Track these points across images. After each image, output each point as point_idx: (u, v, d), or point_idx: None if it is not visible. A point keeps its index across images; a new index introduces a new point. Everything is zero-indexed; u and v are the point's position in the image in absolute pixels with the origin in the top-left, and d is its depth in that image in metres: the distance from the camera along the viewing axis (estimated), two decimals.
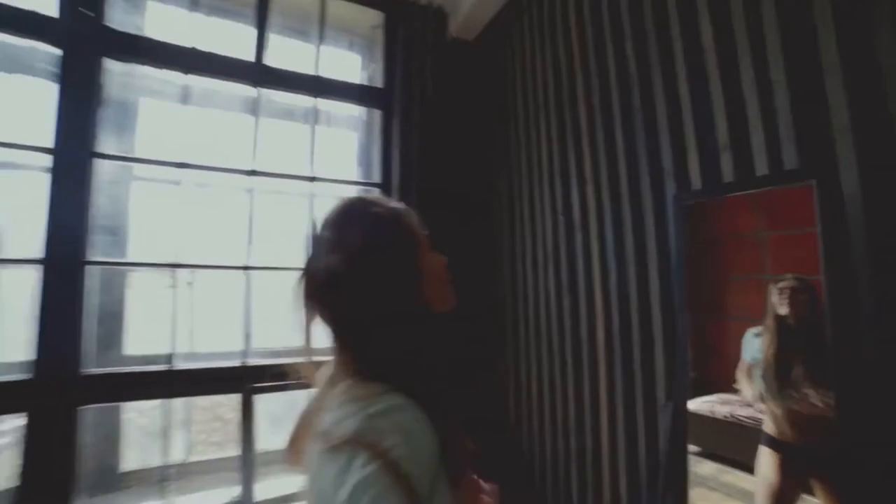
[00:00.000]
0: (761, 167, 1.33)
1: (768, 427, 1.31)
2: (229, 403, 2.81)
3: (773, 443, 1.28)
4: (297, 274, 0.80)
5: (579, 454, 1.96)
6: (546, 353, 2.27)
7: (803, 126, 1.23)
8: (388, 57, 2.98)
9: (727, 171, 1.43)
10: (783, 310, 1.28)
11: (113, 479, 2.49)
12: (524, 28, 2.60)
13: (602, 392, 1.85)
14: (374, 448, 0.57)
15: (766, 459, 1.29)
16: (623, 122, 1.84)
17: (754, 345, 1.38)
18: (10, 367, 2.08)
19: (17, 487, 2.00)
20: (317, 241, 0.79)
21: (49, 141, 2.13)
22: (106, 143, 2.30)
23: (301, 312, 0.77)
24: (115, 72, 2.33)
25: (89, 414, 2.20)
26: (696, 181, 1.52)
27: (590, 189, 2.01)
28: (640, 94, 1.75)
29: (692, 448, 1.41)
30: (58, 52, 2.18)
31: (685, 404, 1.29)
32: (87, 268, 2.16)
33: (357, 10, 3.01)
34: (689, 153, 1.55)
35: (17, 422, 2.04)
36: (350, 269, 0.73)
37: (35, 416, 2.02)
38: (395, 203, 0.84)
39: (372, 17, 3.07)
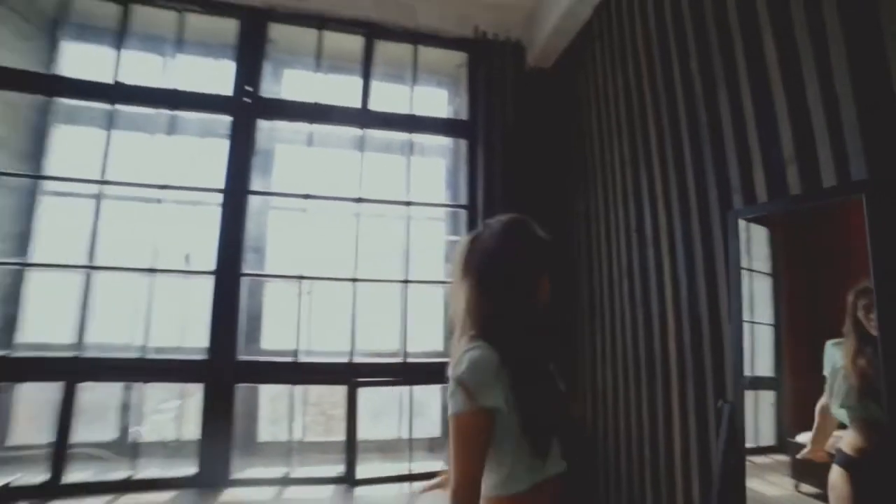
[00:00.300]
0: (828, 179, 1.33)
1: (844, 444, 1.28)
2: (337, 395, 3.32)
3: (846, 461, 1.26)
4: (465, 245, 1.09)
5: (653, 460, 1.98)
6: (621, 363, 2.32)
7: (870, 137, 1.23)
8: (472, 92, 3.32)
9: (794, 183, 1.43)
10: (861, 314, 1.26)
11: (253, 446, 3.12)
12: (596, 54, 2.73)
13: (674, 400, 1.87)
14: (455, 372, 0.94)
15: (839, 479, 1.26)
16: (690, 140, 1.89)
17: (835, 355, 1.36)
18: (193, 350, 2.82)
19: (199, 440, 2.69)
20: (488, 228, 1.08)
21: (221, 183, 2.86)
22: (254, 182, 2.99)
23: (459, 276, 1.05)
24: (263, 128, 3.04)
25: (241, 391, 2.83)
26: (763, 195, 1.54)
27: (661, 206, 2.07)
28: (707, 112, 1.80)
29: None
30: (229, 118, 2.93)
31: (742, 406, 1.31)
32: (242, 278, 2.81)
33: (443, 53, 3.43)
34: (755, 168, 1.57)
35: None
36: (499, 257, 1.02)
37: (209, 388, 2.70)
38: (545, 234, 1.11)
39: (457, 58, 3.47)
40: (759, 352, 1.52)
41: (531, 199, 3.11)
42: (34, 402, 2.94)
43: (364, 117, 3.19)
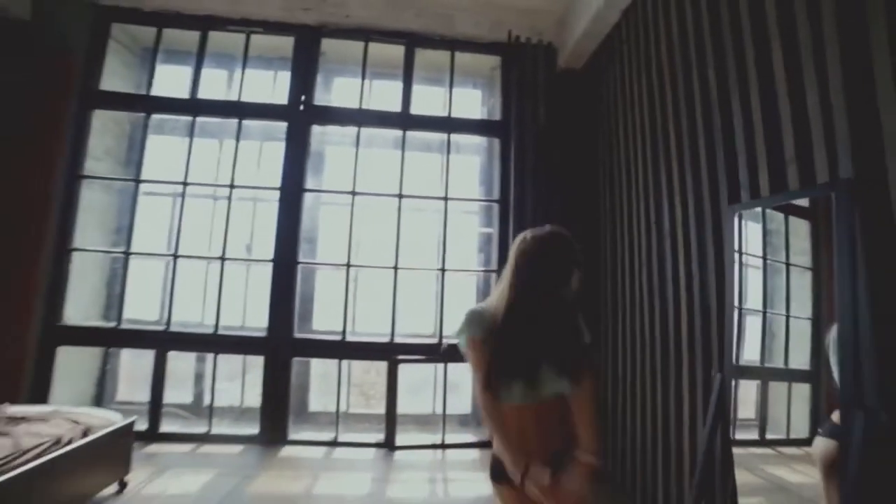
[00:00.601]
0: (822, 176, 1.44)
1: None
2: (375, 375, 3.67)
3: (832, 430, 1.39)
4: (517, 241, 1.32)
5: (664, 429, 2.15)
6: (639, 344, 2.48)
7: (858, 141, 1.34)
8: (505, 93, 3.52)
9: (793, 181, 1.55)
10: None
11: (305, 414, 3.53)
12: (623, 56, 2.84)
13: (684, 377, 2.00)
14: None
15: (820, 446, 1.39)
16: (706, 141, 1.99)
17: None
18: (254, 329, 3.25)
19: (260, 407, 3.12)
20: (537, 233, 1.30)
21: (278, 182, 3.26)
22: (308, 180, 3.36)
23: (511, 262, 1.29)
24: (316, 132, 3.41)
25: (295, 365, 3.23)
26: (766, 192, 1.66)
27: (677, 201, 2.19)
28: (721, 115, 1.91)
29: None
30: (284, 124, 3.32)
31: (731, 379, 1.46)
32: (298, 266, 3.21)
33: (478, 57, 3.64)
34: (761, 167, 1.69)
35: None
36: (530, 262, 1.24)
37: (268, 360, 3.12)
38: (575, 246, 1.29)
39: (491, 61, 3.67)
40: (797, 345, 1.53)
41: (560, 194, 3.29)
42: (134, 367, 3.51)
43: (405, 120, 3.48)
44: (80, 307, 3.29)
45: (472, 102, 3.90)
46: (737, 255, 1.63)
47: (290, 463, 2.86)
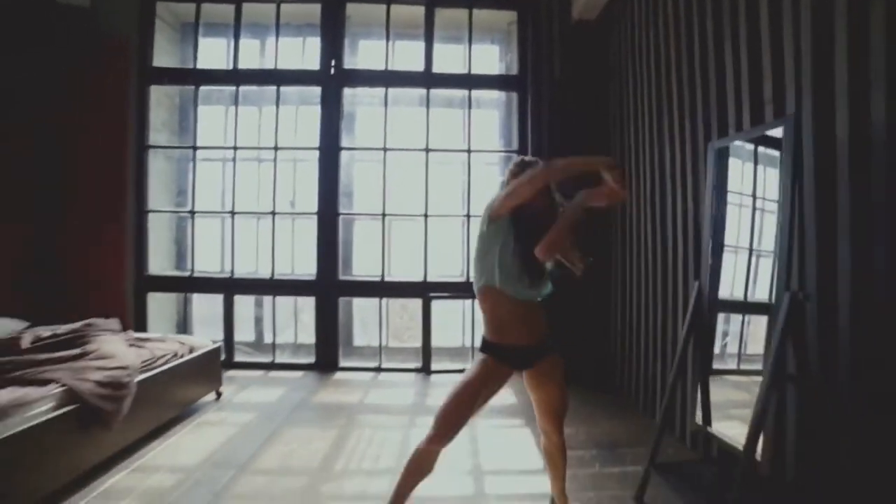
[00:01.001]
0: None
1: None
2: (409, 317, 4.14)
3: None
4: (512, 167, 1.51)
5: (662, 339, 2.55)
6: (644, 272, 2.82)
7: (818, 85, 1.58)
8: (521, 47, 3.69)
9: (769, 119, 1.80)
10: None
11: (351, 348, 4.08)
12: (632, 9, 2.98)
13: (679, 296, 2.37)
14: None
15: None
16: (702, 87, 2.21)
17: None
18: (306, 274, 3.74)
19: (315, 343, 3.67)
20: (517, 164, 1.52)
21: (316, 142, 3.62)
22: (343, 140, 3.71)
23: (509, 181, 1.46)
24: (347, 94, 3.71)
25: (342, 303, 3.74)
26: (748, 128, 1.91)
27: (677, 144, 2.43)
28: (715, 64, 2.12)
29: None
30: (318, 89, 3.63)
31: (707, 284, 1.80)
32: (339, 217, 3.64)
33: (495, 13, 3.79)
34: (743, 107, 1.93)
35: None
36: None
37: (318, 300, 3.62)
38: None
39: (508, 16, 3.81)
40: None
41: (574, 142, 3.52)
42: (204, 310, 4.11)
43: (428, 79, 3.72)
44: (157, 260, 3.86)
45: (490, 58, 4.07)
46: (713, 189, 1.91)
47: (343, 383, 3.42)
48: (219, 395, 2.97)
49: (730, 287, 1.87)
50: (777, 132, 1.58)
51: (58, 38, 3.49)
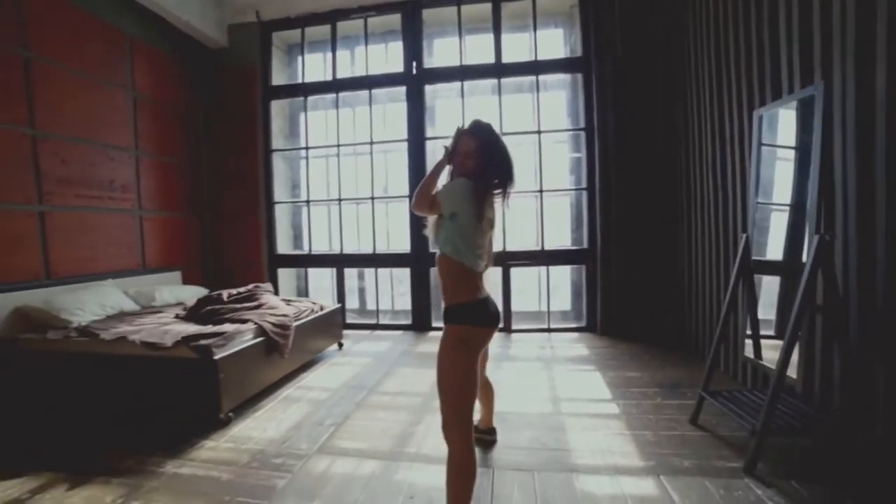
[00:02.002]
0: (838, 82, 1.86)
1: None
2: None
3: None
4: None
5: (720, 296, 2.77)
6: (708, 238, 3.01)
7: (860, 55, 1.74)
8: (584, 29, 3.92)
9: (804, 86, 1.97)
10: None
11: (440, 311, 4.71)
12: None
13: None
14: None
15: None
16: (757, 55, 2.38)
17: None
18: (402, 249, 4.41)
19: (411, 307, 4.34)
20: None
21: (405, 135, 4.22)
22: (428, 131, 4.27)
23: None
24: (428, 90, 4.25)
25: (432, 273, 4.36)
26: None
27: (735, 112, 2.61)
28: (769, 34, 2.28)
29: None
30: (403, 88, 4.21)
31: (752, 237, 2.04)
32: None
33: None
34: (794, 74, 2.09)
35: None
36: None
37: (413, 271, 4.27)
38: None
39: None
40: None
41: (637, 116, 3.72)
42: (321, 278, 5.01)
43: (498, 69, 4.12)
44: (281, 242, 4.79)
45: (555, 42, 4.34)
46: (755, 153, 2.13)
47: (436, 340, 4.04)
48: (340, 345, 3.75)
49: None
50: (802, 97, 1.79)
51: (207, 73, 4.49)
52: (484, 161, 1.47)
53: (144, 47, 3.88)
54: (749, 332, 2.12)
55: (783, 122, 2.10)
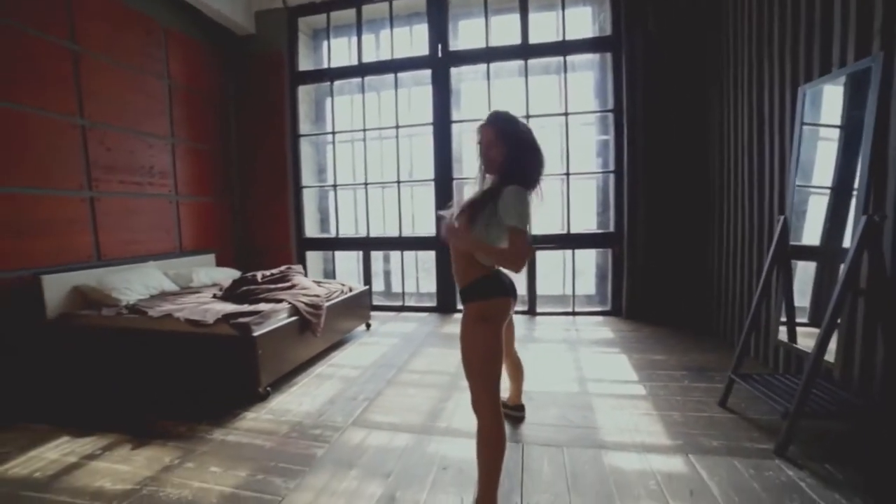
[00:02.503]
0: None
1: None
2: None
3: None
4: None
5: (751, 280, 2.72)
6: (741, 220, 2.93)
7: None
8: (614, 5, 3.81)
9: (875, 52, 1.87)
10: None
11: None
12: None
13: (772, 241, 2.53)
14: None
15: None
16: (806, 29, 2.27)
17: None
18: (427, 232, 4.45)
19: (436, 289, 4.41)
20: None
21: (430, 118, 4.22)
22: (454, 114, 4.26)
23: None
24: (454, 73, 4.23)
25: None
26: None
27: (776, 91, 2.51)
28: (821, 4, 2.17)
29: None
30: (429, 72, 4.20)
31: (790, 218, 1.99)
32: (453, 182, 4.25)
33: None
34: (848, 48, 1.99)
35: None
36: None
37: (439, 254, 4.33)
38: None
39: None
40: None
41: (669, 96, 3.62)
42: (347, 261, 5.13)
43: (525, 50, 4.05)
44: (309, 226, 4.90)
45: (583, 21, 4.22)
46: (797, 132, 2.05)
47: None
48: (368, 325, 3.86)
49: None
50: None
51: (236, 60, 4.58)
52: (509, 149, 1.46)
53: (177, 36, 3.98)
54: (783, 318, 2.09)
55: (828, 100, 2.02)
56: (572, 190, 4.08)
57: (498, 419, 1.41)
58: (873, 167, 1.66)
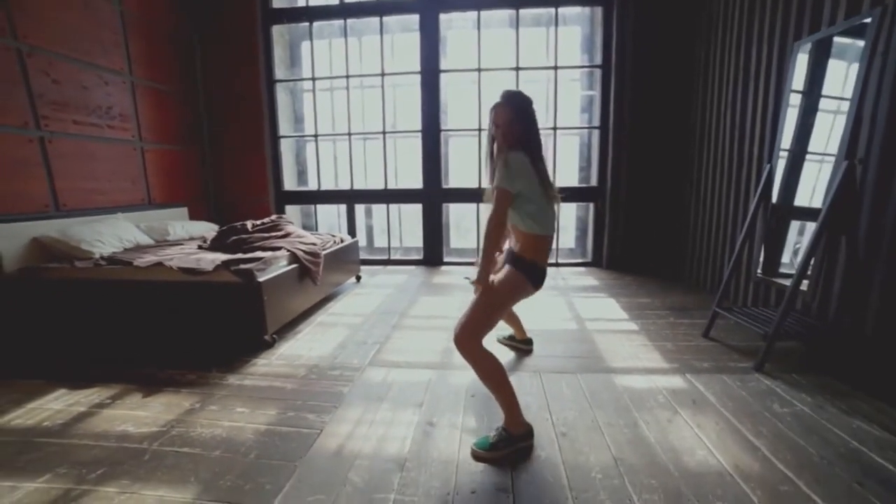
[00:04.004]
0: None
1: None
2: None
3: None
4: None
5: (732, 230, 2.99)
6: (720, 167, 3.18)
7: None
8: None
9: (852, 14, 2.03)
10: None
11: (449, 249, 4.82)
12: None
13: (752, 189, 2.77)
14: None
15: None
16: None
17: None
18: (413, 185, 4.40)
19: (423, 242, 4.42)
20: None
21: (417, 66, 4.08)
22: (442, 63, 4.13)
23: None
24: (443, 20, 4.06)
25: (446, 208, 4.41)
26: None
27: (765, 47, 2.66)
28: None
29: None
30: (416, 17, 4.01)
31: (773, 172, 2.21)
32: (441, 133, 4.18)
33: None
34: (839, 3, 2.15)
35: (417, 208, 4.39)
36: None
37: (425, 206, 4.32)
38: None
39: None
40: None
41: (658, 52, 3.71)
42: (327, 216, 4.99)
43: None
44: (287, 178, 4.69)
45: None
46: (787, 88, 2.21)
47: (450, 273, 4.18)
48: (358, 278, 3.85)
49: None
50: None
51: None
52: (523, 126, 1.55)
53: None
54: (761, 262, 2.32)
55: (817, 59, 2.17)
56: (559, 144, 4.16)
57: (481, 352, 1.46)
58: (857, 121, 1.84)
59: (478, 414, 1.72)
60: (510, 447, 1.46)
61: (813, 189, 2.11)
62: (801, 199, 2.19)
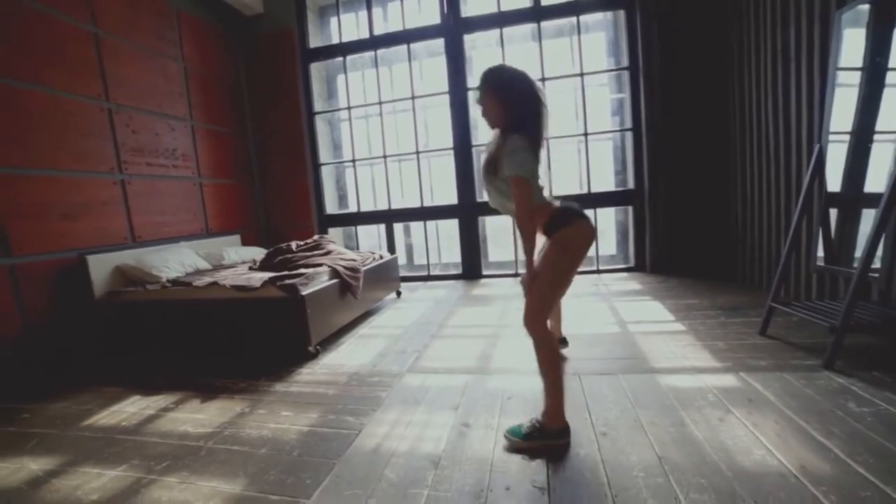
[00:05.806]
0: None
1: None
2: None
3: None
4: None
5: (777, 223, 2.78)
6: (765, 152, 3.00)
7: None
8: None
9: None
10: None
11: (487, 262, 4.84)
12: None
13: (799, 179, 2.57)
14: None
15: None
16: None
17: None
18: (448, 201, 4.50)
19: (461, 256, 4.47)
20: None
21: (445, 87, 4.23)
22: (469, 81, 4.26)
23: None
24: (467, 40, 4.22)
25: (482, 221, 4.46)
26: None
27: (804, 26, 2.53)
28: None
29: None
30: (441, 40, 4.19)
31: (824, 151, 2.03)
32: (473, 149, 4.27)
33: None
34: None
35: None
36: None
37: (461, 221, 4.38)
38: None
39: None
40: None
41: (686, 46, 3.62)
42: (368, 237, 5.18)
43: (537, 13, 4.04)
44: (328, 202, 4.95)
45: None
46: (832, 60, 2.08)
47: (489, 285, 4.17)
48: (398, 293, 3.94)
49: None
50: None
51: (246, 41, 4.57)
52: (499, 99, 1.48)
53: (188, 18, 3.98)
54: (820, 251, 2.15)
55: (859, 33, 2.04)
56: (591, 149, 4.11)
57: (546, 333, 1.46)
58: None
59: (514, 415, 1.70)
60: (542, 440, 1.44)
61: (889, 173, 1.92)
62: (873, 184, 1.98)
